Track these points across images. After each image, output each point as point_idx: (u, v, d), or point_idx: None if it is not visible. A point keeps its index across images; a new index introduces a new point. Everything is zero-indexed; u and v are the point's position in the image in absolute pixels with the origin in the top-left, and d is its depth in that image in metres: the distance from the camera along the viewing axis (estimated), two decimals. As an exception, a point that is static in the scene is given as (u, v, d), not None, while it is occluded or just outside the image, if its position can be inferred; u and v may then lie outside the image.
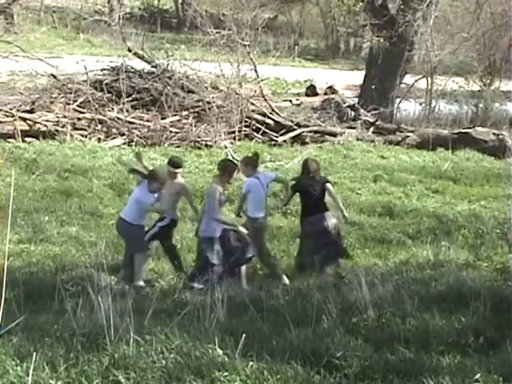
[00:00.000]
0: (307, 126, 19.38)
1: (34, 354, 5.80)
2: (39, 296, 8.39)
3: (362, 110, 21.26)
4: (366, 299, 7.37)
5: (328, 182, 10.38)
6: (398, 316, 7.19)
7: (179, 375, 5.83)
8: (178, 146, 17.33)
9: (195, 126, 17.99)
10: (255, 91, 20.03)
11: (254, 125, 18.75)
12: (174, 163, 10.00)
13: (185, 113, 18.42)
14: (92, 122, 17.68)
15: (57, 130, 16.94)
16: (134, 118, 18.02)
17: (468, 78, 26.32)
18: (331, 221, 10.08)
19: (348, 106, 21.42)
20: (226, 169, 9.46)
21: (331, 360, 6.14)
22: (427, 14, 23.45)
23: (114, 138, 17.41)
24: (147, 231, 9.75)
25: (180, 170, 10.04)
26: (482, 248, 10.78)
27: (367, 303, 7.31)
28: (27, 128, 16.87)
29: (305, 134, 19.06)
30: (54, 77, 18.88)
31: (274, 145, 18.34)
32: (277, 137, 18.60)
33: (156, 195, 9.39)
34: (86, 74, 19.03)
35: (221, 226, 9.32)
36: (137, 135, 17.36)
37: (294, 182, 10.45)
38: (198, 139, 17.67)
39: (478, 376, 5.83)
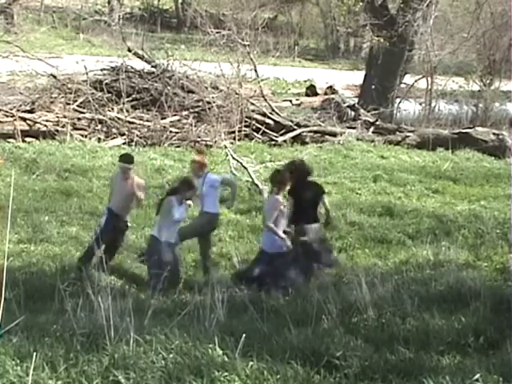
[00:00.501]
0: (307, 126, 19.38)
1: (34, 354, 5.79)
2: (39, 296, 8.39)
3: (361, 110, 21.27)
4: (366, 299, 7.36)
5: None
6: (398, 316, 7.19)
7: (179, 375, 5.83)
8: (178, 146, 17.33)
9: (195, 126, 17.99)
10: (255, 91, 20.03)
11: (253, 125, 18.75)
12: (127, 159, 9.79)
13: (185, 113, 18.42)
14: (92, 121, 17.68)
15: (57, 130, 16.94)
16: (134, 117, 18.01)
17: (468, 78, 26.32)
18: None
19: (348, 106, 21.42)
20: (283, 180, 9.29)
21: (331, 360, 6.14)
22: (427, 13, 23.49)
23: (114, 137, 17.41)
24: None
25: (132, 166, 9.73)
26: (481, 248, 10.76)
27: (367, 303, 7.30)
28: (27, 128, 16.88)
29: (305, 134, 19.06)
30: (54, 77, 18.87)
31: (274, 145, 18.34)
32: (277, 137, 18.60)
33: (183, 206, 9.18)
34: (86, 73, 19.03)
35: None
36: (137, 135, 17.35)
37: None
38: (198, 139, 17.67)
39: (477, 376, 5.82)
